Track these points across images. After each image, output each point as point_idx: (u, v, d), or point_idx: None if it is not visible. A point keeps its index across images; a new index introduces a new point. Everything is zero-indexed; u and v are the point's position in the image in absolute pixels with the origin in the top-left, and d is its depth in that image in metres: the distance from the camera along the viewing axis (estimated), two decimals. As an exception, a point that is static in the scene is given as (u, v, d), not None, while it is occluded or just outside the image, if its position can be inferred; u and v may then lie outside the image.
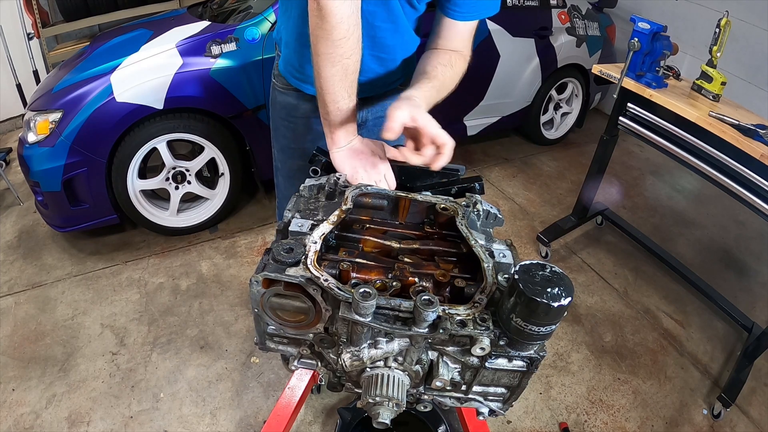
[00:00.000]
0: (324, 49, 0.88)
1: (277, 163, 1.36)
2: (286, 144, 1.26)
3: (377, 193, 0.87)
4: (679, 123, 2.00)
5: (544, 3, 3.19)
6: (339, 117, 0.94)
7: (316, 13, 0.85)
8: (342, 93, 0.92)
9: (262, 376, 1.86)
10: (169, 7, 3.77)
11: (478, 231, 0.82)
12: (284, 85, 1.20)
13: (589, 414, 1.85)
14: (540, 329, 0.62)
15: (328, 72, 0.89)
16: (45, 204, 2.20)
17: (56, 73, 2.42)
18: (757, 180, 1.78)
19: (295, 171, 1.29)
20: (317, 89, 0.94)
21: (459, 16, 1.02)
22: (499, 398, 0.77)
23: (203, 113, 2.28)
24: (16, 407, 1.71)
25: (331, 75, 0.89)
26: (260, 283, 0.69)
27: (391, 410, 0.69)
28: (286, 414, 1.04)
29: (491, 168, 3.42)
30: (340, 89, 0.91)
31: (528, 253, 2.64)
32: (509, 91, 3.22)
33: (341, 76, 0.90)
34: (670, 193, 3.37)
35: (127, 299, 2.16)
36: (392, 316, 0.67)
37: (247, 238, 2.57)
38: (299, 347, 0.81)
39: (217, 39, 2.23)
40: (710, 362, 2.12)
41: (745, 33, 3.14)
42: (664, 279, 2.54)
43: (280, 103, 1.22)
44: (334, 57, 0.88)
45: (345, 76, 0.90)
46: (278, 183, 1.40)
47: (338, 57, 0.88)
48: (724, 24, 1.93)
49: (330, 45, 0.87)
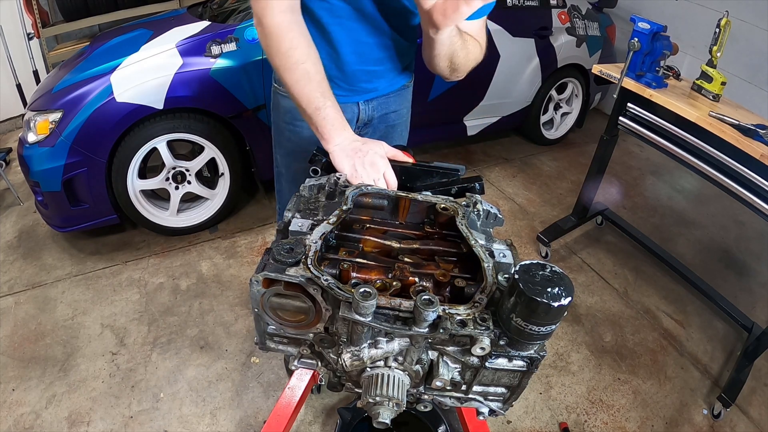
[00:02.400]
0: (278, 62, 0.94)
1: (280, 169, 1.35)
2: (291, 148, 1.26)
3: (377, 192, 0.87)
4: (679, 123, 2.00)
5: (544, 3, 3.19)
6: (320, 115, 0.96)
7: (260, 33, 0.93)
8: (313, 94, 0.95)
9: (262, 376, 1.86)
10: (169, 7, 3.77)
11: (478, 231, 0.82)
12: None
13: (589, 414, 1.85)
14: (540, 329, 0.62)
15: (291, 79, 0.94)
16: (45, 204, 2.20)
17: (56, 73, 2.42)
18: (757, 180, 1.78)
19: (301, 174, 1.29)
20: (291, 98, 0.98)
21: None
22: (499, 398, 0.77)
23: (203, 113, 2.28)
24: (16, 407, 1.71)
25: (295, 81, 0.94)
26: (260, 283, 0.69)
27: (391, 410, 0.69)
28: (286, 414, 1.04)
29: (491, 168, 3.42)
30: (309, 91, 0.95)
31: (528, 253, 2.64)
32: (509, 91, 3.22)
33: (305, 80, 0.94)
34: (670, 193, 3.37)
35: (127, 299, 2.16)
36: (392, 316, 0.67)
37: (247, 238, 2.57)
38: (299, 347, 0.81)
39: (217, 39, 2.23)
40: (710, 362, 2.12)
41: (745, 33, 3.14)
42: (664, 279, 2.54)
43: (284, 107, 1.22)
44: (290, 66, 0.93)
45: (309, 79, 0.94)
46: (281, 188, 1.39)
47: (293, 65, 0.93)
48: (724, 24, 1.93)
49: (282, 57, 0.93)
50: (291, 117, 1.22)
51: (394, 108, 1.29)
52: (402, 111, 1.32)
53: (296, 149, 1.25)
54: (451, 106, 3.04)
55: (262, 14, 0.91)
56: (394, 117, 1.30)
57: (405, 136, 1.38)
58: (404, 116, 1.35)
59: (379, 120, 1.28)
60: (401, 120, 1.34)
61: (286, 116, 1.23)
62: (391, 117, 1.30)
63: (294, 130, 1.23)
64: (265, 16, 0.90)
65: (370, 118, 1.26)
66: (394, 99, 1.28)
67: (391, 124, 1.31)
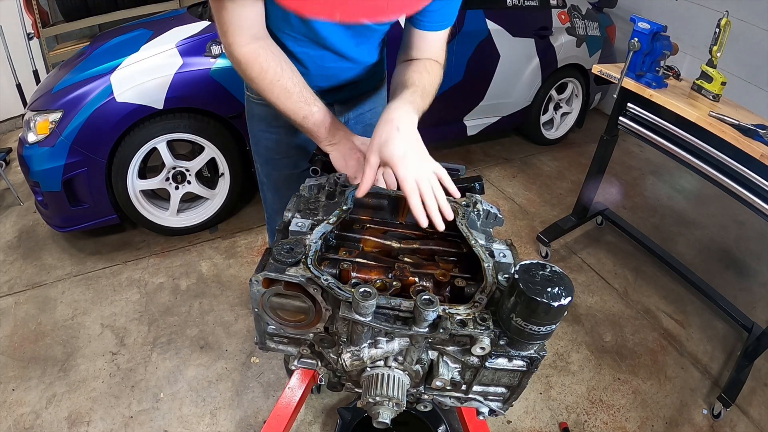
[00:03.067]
0: (256, 86, 0.96)
1: (261, 178, 1.34)
2: (269, 156, 1.25)
3: (377, 192, 0.87)
4: (679, 123, 2.00)
5: (544, 3, 3.19)
6: (309, 122, 0.97)
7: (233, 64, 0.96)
8: (298, 104, 0.97)
9: (262, 376, 1.86)
10: (169, 7, 3.77)
11: (478, 231, 0.82)
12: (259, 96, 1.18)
13: (589, 414, 1.85)
14: (540, 329, 0.62)
15: (272, 97, 0.96)
16: (45, 204, 2.20)
17: (56, 73, 2.41)
18: (757, 180, 1.78)
19: (282, 182, 1.28)
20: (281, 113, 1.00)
21: (431, 27, 1.01)
22: (499, 398, 0.77)
23: (203, 113, 2.28)
24: (16, 407, 1.71)
25: (276, 97, 0.96)
26: (260, 283, 0.69)
27: (391, 410, 0.69)
28: (286, 414, 1.04)
29: (491, 168, 3.42)
30: (291, 104, 0.96)
31: (528, 253, 2.64)
32: (509, 91, 3.22)
33: (285, 95, 0.96)
34: (670, 193, 3.37)
35: (127, 299, 2.16)
36: (392, 316, 0.67)
37: (247, 238, 2.57)
38: (299, 347, 0.81)
39: (217, 39, 2.23)
40: (710, 362, 2.12)
41: (745, 33, 3.14)
42: (664, 279, 2.54)
43: (258, 115, 1.21)
44: (267, 85, 0.95)
45: (288, 94, 0.96)
46: (266, 198, 1.38)
47: (270, 84, 0.95)
48: (724, 24, 1.93)
49: (257, 81, 0.95)
50: (266, 124, 1.20)
51: (369, 107, 1.28)
52: (378, 109, 1.29)
53: (274, 157, 1.24)
54: (451, 106, 3.04)
55: (229, 49, 0.93)
56: (370, 116, 1.29)
57: None
58: None
59: (356, 120, 1.27)
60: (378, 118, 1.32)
61: (260, 124, 1.22)
62: (367, 116, 1.28)
63: (270, 137, 1.22)
64: (232, 51, 0.93)
65: (346, 119, 1.24)
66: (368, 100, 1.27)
67: (368, 123, 1.29)
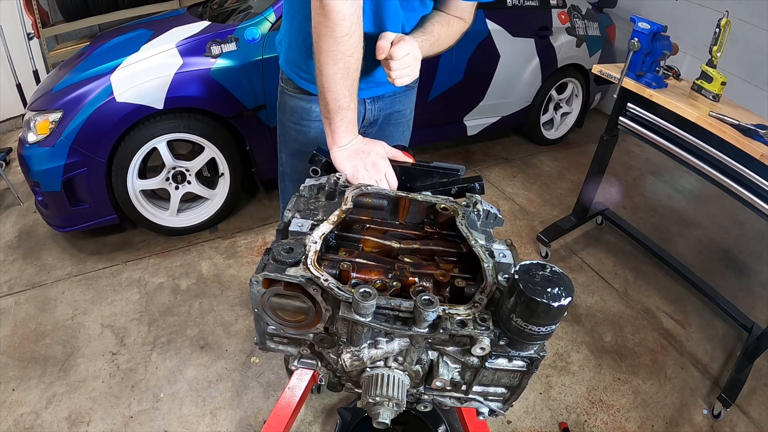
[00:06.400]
0: (326, 47, 0.89)
1: (285, 168, 1.35)
2: (298, 148, 1.26)
3: (377, 193, 0.87)
4: (679, 123, 2.00)
5: (544, 3, 3.19)
6: (340, 116, 0.95)
7: (319, 11, 0.87)
8: (343, 91, 0.93)
9: (262, 376, 1.86)
10: (169, 7, 3.77)
11: (478, 231, 0.82)
12: (294, 89, 1.20)
13: (589, 414, 1.85)
14: (540, 329, 0.62)
15: (330, 69, 0.91)
16: (45, 204, 2.20)
17: (56, 73, 2.41)
18: (757, 180, 1.78)
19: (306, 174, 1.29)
20: (318, 87, 0.95)
21: None
22: (499, 398, 0.77)
23: (203, 113, 2.28)
24: (16, 407, 1.71)
25: (333, 73, 0.91)
26: (260, 283, 0.69)
27: (391, 410, 0.69)
28: (286, 414, 1.04)
29: (491, 168, 3.42)
30: (341, 87, 0.92)
31: (528, 253, 2.64)
32: (509, 91, 3.22)
33: (343, 74, 0.91)
34: (670, 193, 3.37)
35: (127, 299, 2.16)
36: (392, 316, 0.67)
37: (247, 238, 2.57)
38: (299, 347, 0.81)
39: (217, 39, 2.23)
40: (710, 362, 2.12)
41: (745, 33, 3.14)
42: (664, 279, 2.54)
43: (290, 107, 1.22)
44: (336, 54, 0.89)
45: (347, 74, 0.92)
46: (285, 188, 1.39)
47: (340, 54, 0.89)
48: (724, 24, 1.93)
49: (332, 42, 0.88)
50: (297, 117, 1.21)
51: (398, 108, 1.30)
52: (405, 111, 1.33)
53: (302, 149, 1.25)
54: (451, 106, 3.04)
55: None
56: (398, 117, 1.31)
57: (407, 137, 1.39)
58: (407, 117, 1.36)
59: (384, 120, 1.29)
60: (404, 120, 1.35)
61: (292, 116, 1.23)
62: (395, 116, 1.31)
63: (300, 130, 1.23)
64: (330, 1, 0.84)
65: (375, 117, 1.26)
66: (399, 99, 1.29)
67: (394, 124, 1.32)
